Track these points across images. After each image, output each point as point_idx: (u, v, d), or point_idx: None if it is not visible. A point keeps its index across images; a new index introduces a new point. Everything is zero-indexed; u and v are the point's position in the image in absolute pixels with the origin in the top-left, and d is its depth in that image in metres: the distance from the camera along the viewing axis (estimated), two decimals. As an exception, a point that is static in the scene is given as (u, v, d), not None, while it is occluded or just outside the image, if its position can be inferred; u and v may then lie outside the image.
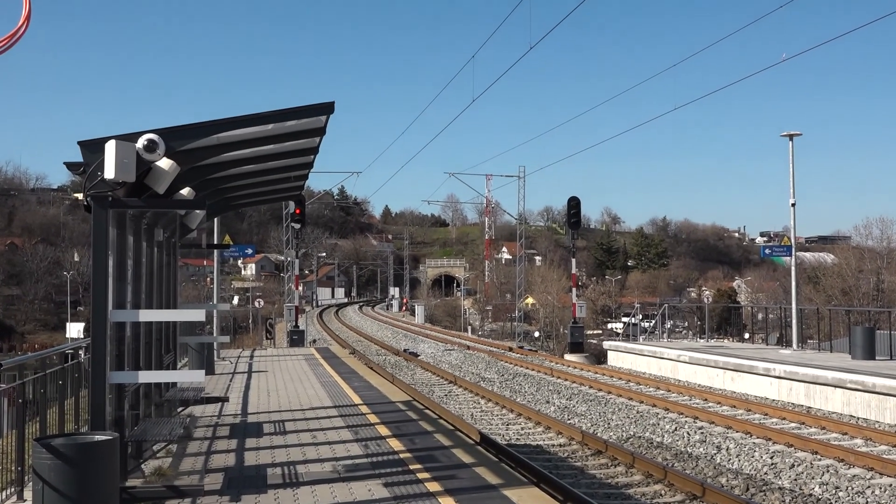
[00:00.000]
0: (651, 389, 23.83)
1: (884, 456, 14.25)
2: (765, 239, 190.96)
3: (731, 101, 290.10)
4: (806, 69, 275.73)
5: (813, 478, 13.22)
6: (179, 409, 12.81)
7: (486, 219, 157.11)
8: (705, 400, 21.44)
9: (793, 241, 27.83)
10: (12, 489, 7.97)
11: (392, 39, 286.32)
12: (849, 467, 13.72)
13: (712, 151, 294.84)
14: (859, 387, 19.19)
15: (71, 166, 7.93)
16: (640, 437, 16.63)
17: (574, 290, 38.74)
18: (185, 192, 10.13)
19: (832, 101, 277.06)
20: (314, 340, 45.70)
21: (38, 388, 8.39)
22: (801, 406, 20.65)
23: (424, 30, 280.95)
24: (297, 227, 34.75)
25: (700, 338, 38.33)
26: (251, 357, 26.57)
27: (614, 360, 32.85)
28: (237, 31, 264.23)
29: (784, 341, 31.25)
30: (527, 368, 29.81)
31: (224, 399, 14.70)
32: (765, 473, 13.73)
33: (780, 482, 13.21)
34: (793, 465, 13.89)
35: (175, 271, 12.89)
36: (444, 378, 26.76)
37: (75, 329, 53.55)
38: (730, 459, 14.68)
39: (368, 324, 70.61)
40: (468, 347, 39.73)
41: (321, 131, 9.38)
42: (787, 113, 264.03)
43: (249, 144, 9.17)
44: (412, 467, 9.51)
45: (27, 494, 7.87)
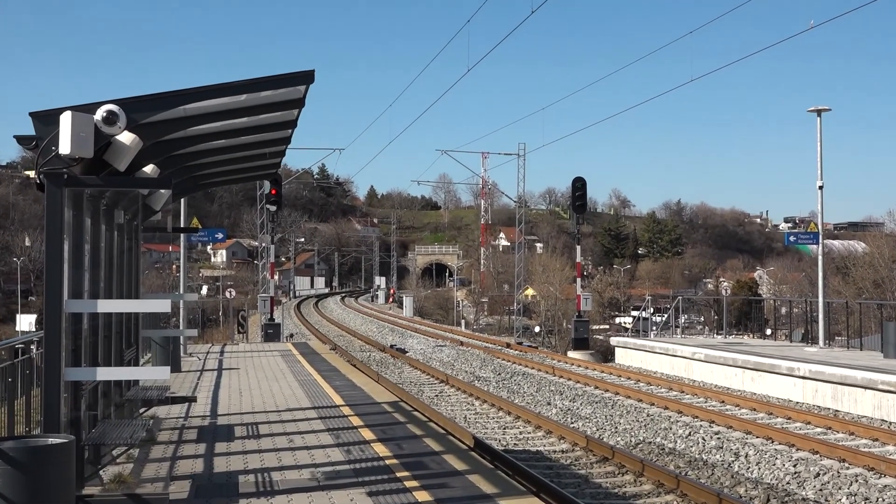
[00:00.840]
0: (663, 390, 23.93)
1: (917, 464, 14.35)
2: (789, 225, 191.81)
3: (754, 73, 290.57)
4: (836, 37, 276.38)
5: (840, 488, 13.30)
6: (142, 410, 12.81)
7: (482, 201, 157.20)
8: (722, 402, 21.55)
9: (820, 227, 27.93)
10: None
11: (377, 2, 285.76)
12: (880, 477, 13.81)
13: (732, 129, 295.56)
14: (892, 388, 19.30)
15: (22, 140, 7.88)
16: (650, 443, 16.71)
17: (579, 280, 38.81)
18: (149, 169, 10.09)
19: (865, 73, 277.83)
20: (291, 335, 45.71)
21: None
22: (828, 409, 20.77)
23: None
24: (273, 209, 34.68)
25: (717, 334, 38.47)
26: (221, 353, 26.55)
27: (623, 357, 32.96)
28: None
29: (809, 338, 31.39)
30: (526, 367, 29.88)
31: (191, 399, 14.70)
32: (787, 483, 13.82)
33: (804, 493, 13.29)
34: (818, 475, 13.98)
35: (137, 257, 12.86)
36: (434, 377, 26.81)
37: (26, 321, 53.47)
38: (749, 468, 14.76)
39: (351, 317, 70.65)
40: (461, 343, 39.79)
41: (300, 103, 9.35)
42: (815, 86, 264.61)
43: (220, 117, 9.14)
44: (399, 475, 9.53)
45: (-27, 503, 7.86)
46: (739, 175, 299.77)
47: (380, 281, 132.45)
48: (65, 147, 7.32)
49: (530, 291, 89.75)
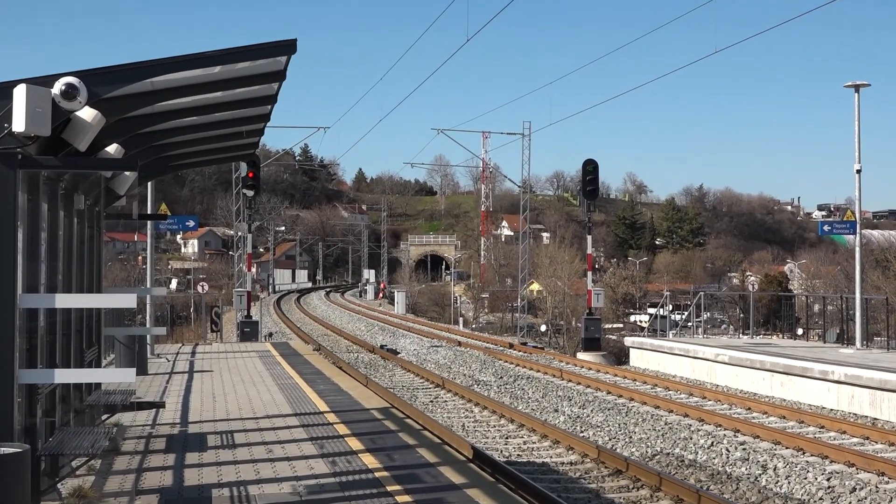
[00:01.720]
0: (682, 396, 23.98)
1: (964, 478, 14.40)
2: (823, 213, 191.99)
3: (785, 44, 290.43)
4: (878, 5, 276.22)
5: (878, 504, 13.36)
6: (104, 417, 12.81)
7: (483, 186, 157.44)
8: (748, 409, 21.60)
9: (857, 215, 27.95)
10: None
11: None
12: (921, 491, 13.86)
13: (760, 106, 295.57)
14: (935, 394, 19.35)
15: (-30, 116, 7.86)
16: (668, 454, 16.75)
17: (589, 274, 38.83)
18: (112, 149, 10.08)
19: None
20: (270, 334, 45.73)
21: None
22: (866, 417, 20.82)
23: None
24: (251, 194, 34.65)
25: (743, 333, 38.54)
26: (193, 354, 26.56)
27: (638, 359, 33.01)
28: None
29: (845, 338, 31.45)
30: (531, 369, 29.93)
31: (159, 404, 14.71)
32: (820, 499, 13.86)
33: (837, 509, 13.34)
34: (854, 489, 14.03)
35: (100, 247, 12.86)
36: (429, 381, 26.85)
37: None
38: (777, 482, 14.81)
39: (337, 314, 70.69)
40: (459, 344, 39.84)
41: (280, 76, 9.33)
42: (854, 59, 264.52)
43: (192, 91, 9.12)
44: (390, 489, 9.55)
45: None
46: (768, 158, 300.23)
47: (369, 274, 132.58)
48: (18, 124, 7.30)
49: (536, 286, 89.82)
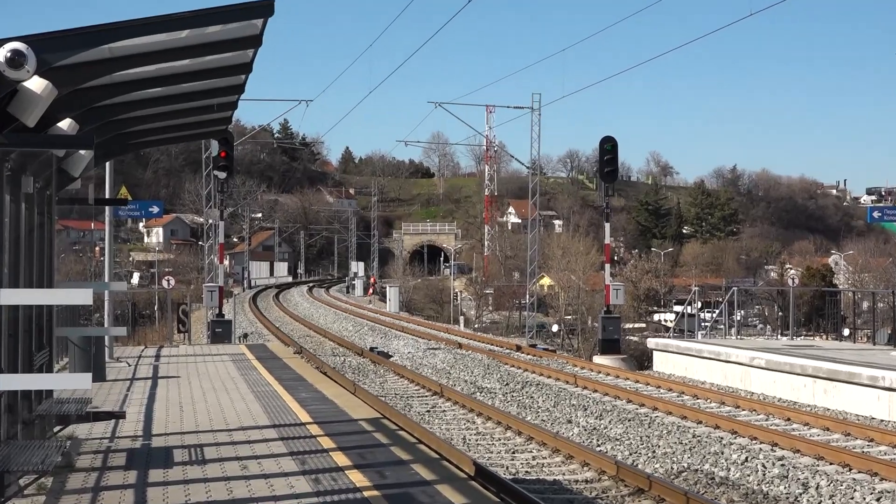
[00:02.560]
0: (713, 405, 24.01)
1: None
2: (873, 198, 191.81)
3: (830, 6, 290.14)
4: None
5: (934, 527, 13.37)
6: (57, 429, 12.82)
7: (487, 167, 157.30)
8: (787, 420, 21.63)
9: (912, 200, 27.92)
10: None
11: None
12: (983, 513, 13.87)
13: (801, 77, 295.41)
14: None
15: None
16: (696, 471, 16.77)
17: (608, 266, 38.80)
18: (65, 125, 10.07)
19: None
20: (245, 335, 45.75)
21: None
22: (920, 429, 20.85)
23: None
24: (223, 176, 34.62)
25: (782, 334, 38.58)
26: (157, 357, 26.56)
27: (662, 364, 33.03)
28: None
29: (897, 340, 31.46)
30: (541, 375, 29.96)
31: (119, 415, 14.72)
32: (868, 521, 13.88)
33: (888, 533, 13.36)
34: (906, 510, 14.05)
35: (51, 236, 12.85)
36: (425, 388, 26.87)
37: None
38: (821, 502, 14.83)
39: (321, 312, 70.71)
40: (460, 346, 39.88)
41: (256, 41, 9.32)
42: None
43: (156, 59, 9.10)
44: (381, 510, 9.56)
45: None
46: (811, 135, 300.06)
47: (357, 267, 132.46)
48: (-42, 96, 7.29)
49: (546, 281, 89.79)
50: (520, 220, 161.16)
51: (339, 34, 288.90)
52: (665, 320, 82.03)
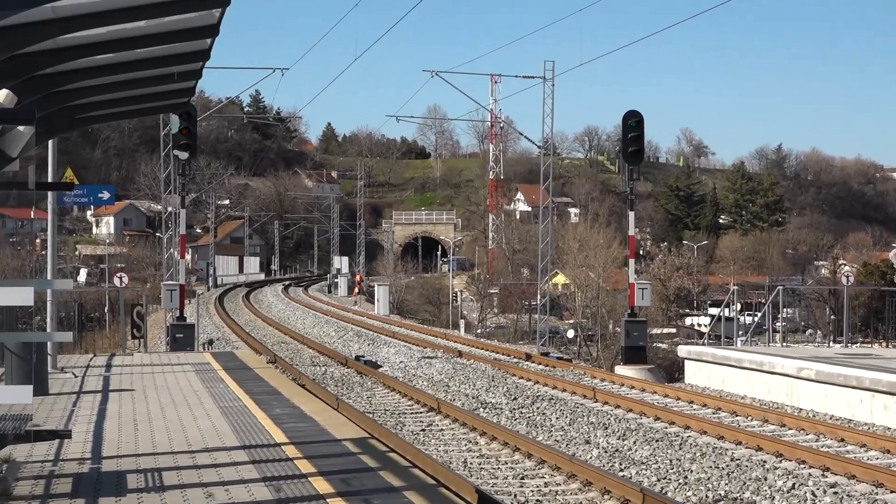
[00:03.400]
0: (755, 423, 24.00)
1: None
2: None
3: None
4: None
5: None
6: (-8, 451, 12.81)
7: (491, 146, 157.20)
8: (841, 441, 21.63)
9: None
10: None
11: None
12: None
13: (856, 43, 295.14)
14: None
15: None
16: (735, 500, 16.78)
17: (632, 262, 38.75)
18: (1, 96, 10.05)
19: None
20: (211, 342, 45.72)
21: None
22: None
23: None
24: (184, 157, 34.53)
25: (834, 341, 38.58)
26: (108, 367, 26.55)
27: (696, 375, 33.02)
28: None
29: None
30: (554, 388, 29.95)
31: (64, 434, 14.70)
32: (934, 558, 13.89)
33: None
34: (979, 545, 14.05)
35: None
36: (420, 403, 26.87)
37: None
38: (878, 535, 14.82)
39: (299, 315, 70.72)
40: (460, 354, 39.87)
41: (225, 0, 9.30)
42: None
43: (107, 20, 9.08)
44: (369, 545, 9.56)
45: None
46: (868, 110, 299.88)
47: (340, 263, 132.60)
48: None
49: (561, 279, 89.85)
50: (530, 208, 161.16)
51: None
52: (699, 325, 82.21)
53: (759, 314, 41.16)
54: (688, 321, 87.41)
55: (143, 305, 39.85)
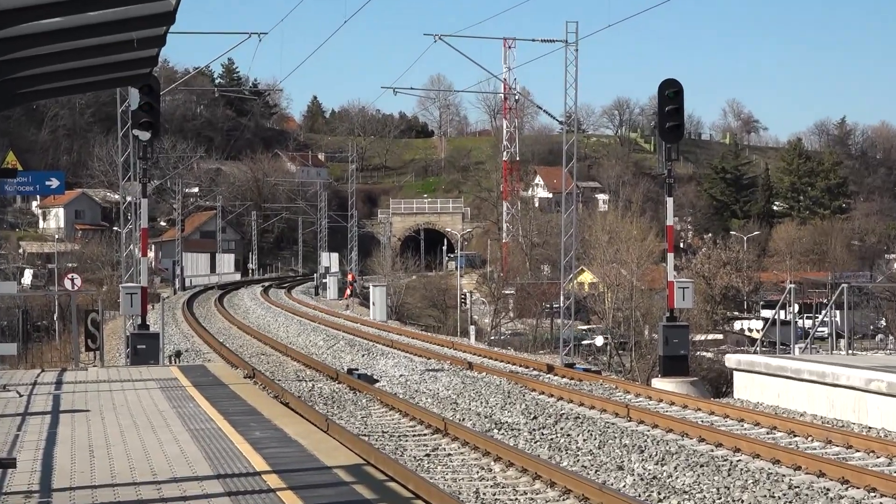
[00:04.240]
0: (816, 445, 23.98)
1: None
2: None
3: None
4: None
5: None
6: (-77, 483, 12.81)
7: (505, 122, 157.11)
8: (918, 464, 21.60)
9: None
10: None
11: None
12: None
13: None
14: None
15: None
16: (793, 534, 16.78)
17: (671, 257, 38.74)
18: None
19: None
20: (179, 354, 45.74)
21: None
22: None
23: None
24: (146, 137, 34.53)
25: (908, 348, 38.50)
26: (59, 384, 26.55)
27: (747, 388, 32.99)
28: None
29: None
30: (581, 405, 29.94)
31: (8, 463, 14.73)
32: None
33: None
34: None
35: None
36: (424, 423, 26.87)
37: None
38: (962, 575, 14.81)
39: (281, 322, 70.75)
40: (470, 366, 39.88)
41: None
42: None
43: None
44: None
45: None
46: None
47: (329, 260, 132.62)
48: None
49: (588, 277, 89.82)
50: (550, 195, 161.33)
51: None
52: (750, 330, 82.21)
53: (821, 317, 41.17)
54: (737, 326, 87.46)
55: (98, 312, 39.85)
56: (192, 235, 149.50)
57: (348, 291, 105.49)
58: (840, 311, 37.77)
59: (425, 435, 25.60)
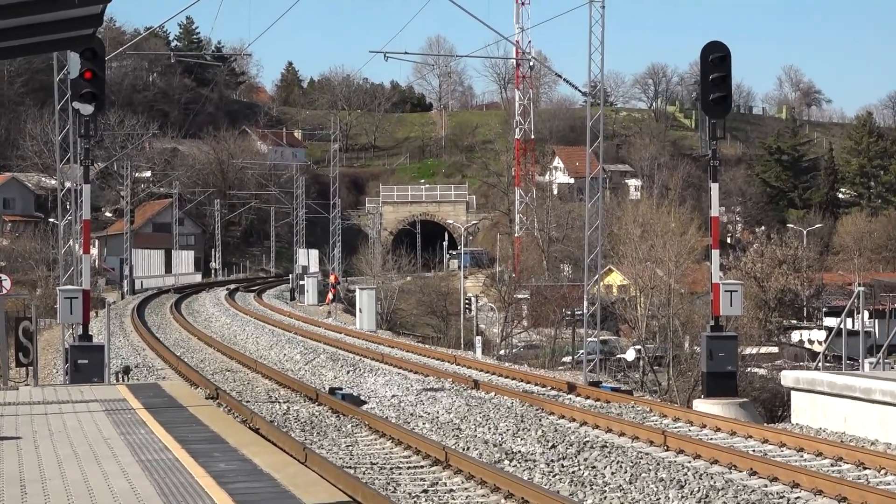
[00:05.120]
0: (890, 479, 23.97)
1: None
2: None
3: None
4: None
5: None
6: None
7: (518, 93, 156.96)
8: None
9: None
10: None
11: None
12: None
13: None
14: None
15: None
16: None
17: (716, 254, 38.73)
18: None
19: None
20: (127, 370, 45.76)
21: None
22: None
23: None
24: (88, 111, 34.56)
25: None
26: (-16, 406, 26.55)
27: (807, 411, 32.99)
28: None
29: None
30: (608, 431, 29.97)
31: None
32: None
33: None
34: None
35: None
36: (421, 453, 26.90)
37: None
38: None
39: (250, 332, 70.81)
40: (476, 385, 39.93)
41: None
42: None
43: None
44: None
45: None
46: None
47: (308, 259, 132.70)
48: None
49: (617, 277, 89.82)
50: (572, 180, 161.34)
51: None
52: (811, 341, 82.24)
53: (896, 326, 41.20)
54: (795, 336, 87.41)
55: (31, 320, 39.90)
56: (143, 229, 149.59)
57: (330, 296, 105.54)
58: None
59: (422, 467, 25.66)
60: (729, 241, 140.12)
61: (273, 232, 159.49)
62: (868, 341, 42.41)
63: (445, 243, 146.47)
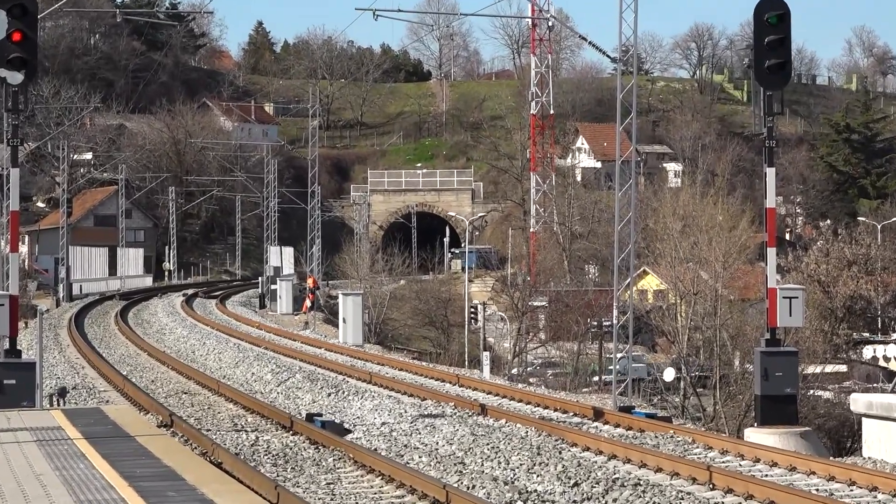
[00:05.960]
0: (980, 524, 24.03)
1: None
2: None
3: None
4: None
5: None
6: None
7: (533, 59, 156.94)
8: None
9: None
10: None
11: None
12: None
13: None
14: None
15: None
16: None
17: (772, 253, 38.78)
18: None
19: None
20: (64, 392, 45.85)
21: None
22: None
23: None
24: (17, 80, 34.61)
25: None
26: None
27: (881, 442, 33.02)
28: None
29: None
30: (643, 466, 30.02)
31: None
32: None
33: None
34: None
35: None
36: (417, 492, 26.96)
37: None
38: None
39: (211, 346, 70.90)
40: (482, 411, 40.00)
41: None
42: None
43: None
44: None
45: None
46: None
47: (281, 258, 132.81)
48: None
49: (653, 282, 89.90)
50: (599, 164, 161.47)
51: None
52: (887, 358, 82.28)
53: None
54: (867, 352, 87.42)
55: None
56: (83, 222, 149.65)
57: (308, 303, 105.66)
58: None
59: (418, 510, 25.71)
60: (788, 237, 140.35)
61: (239, 226, 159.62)
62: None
63: (446, 240, 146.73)
